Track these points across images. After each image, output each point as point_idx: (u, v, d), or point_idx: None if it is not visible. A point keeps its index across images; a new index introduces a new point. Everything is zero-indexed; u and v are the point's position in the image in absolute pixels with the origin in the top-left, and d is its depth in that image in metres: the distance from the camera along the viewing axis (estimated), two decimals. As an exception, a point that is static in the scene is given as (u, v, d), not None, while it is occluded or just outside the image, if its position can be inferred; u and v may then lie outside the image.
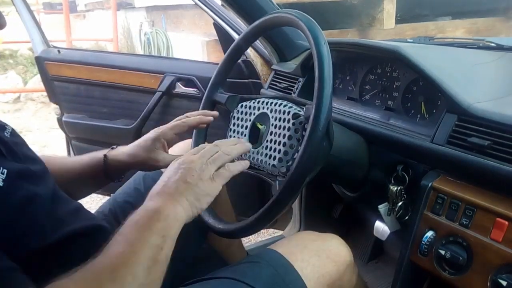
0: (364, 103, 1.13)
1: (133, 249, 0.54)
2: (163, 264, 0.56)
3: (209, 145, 0.70)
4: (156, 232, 0.56)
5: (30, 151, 0.75)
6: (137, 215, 0.59)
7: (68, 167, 0.89)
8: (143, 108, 1.57)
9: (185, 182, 0.62)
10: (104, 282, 0.50)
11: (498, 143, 0.73)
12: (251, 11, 1.24)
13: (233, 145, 0.71)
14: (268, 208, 0.73)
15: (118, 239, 0.56)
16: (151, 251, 0.54)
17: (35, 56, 1.71)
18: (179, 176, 0.63)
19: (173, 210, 0.59)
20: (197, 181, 0.63)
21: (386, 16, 4.14)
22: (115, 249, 0.54)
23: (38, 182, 0.67)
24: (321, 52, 0.72)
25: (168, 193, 0.61)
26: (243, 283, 0.71)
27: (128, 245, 0.54)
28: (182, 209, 0.60)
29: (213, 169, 0.65)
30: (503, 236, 0.69)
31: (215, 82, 0.96)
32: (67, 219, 0.70)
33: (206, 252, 1.05)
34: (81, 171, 0.89)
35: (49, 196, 0.68)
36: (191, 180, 0.62)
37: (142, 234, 0.55)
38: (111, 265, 0.52)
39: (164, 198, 0.60)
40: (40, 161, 0.75)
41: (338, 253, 0.82)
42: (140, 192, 0.98)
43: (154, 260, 0.54)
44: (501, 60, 1.05)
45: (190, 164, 0.64)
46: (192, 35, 4.54)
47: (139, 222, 0.57)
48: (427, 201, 0.82)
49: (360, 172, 0.99)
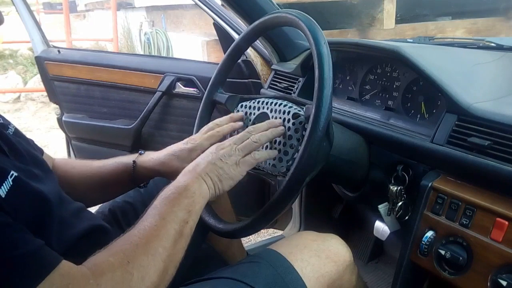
0: (364, 103, 1.13)
1: (164, 223, 0.61)
2: (187, 237, 0.63)
3: (243, 132, 0.76)
4: (184, 207, 0.64)
5: (34, 150, 0.74)
6: (169, 190, 0.66)
7: (93, 172, 0.88)
8: (143, 108, 1.57)
9: (213, 164, 0.70)
10: (139, 253, 0.57)
11: (498, 143, 0.73)
12: (251, 11, 1.24)
13: (264, 132, 0.76)
14: (268, 208, 0.73)
15: (152, 213, 0.63)
16: (179, 225, 0.62)
17: (35, 56, 1.72)
18: (210, 158, 0.71)
19: (199, 187, 0.67)
20: (223, 165, 0.70)
21: (386, 16, 4.13)
22: (150, 222, 0.61)
23: (44, 182, 0.66)
24: (321, 52, 0.72)
25: (197, 172, 0.69)
26: (243, 283, 0.71)
27: (160, 219, 0.61)
28: (206, 187, 0.68)
29: (240, 156, 0.72)
30: (503, 236, 0.69)
31: (215, 82, 0.96)
32: (70, 220, 0.70)
33: (206, 252, 1.05)
34: (106, 175, 0.88)
35: (57, 196, 0.67)
36: (219, 163, 0.70)
37: (172, 209, 0.63)
38: (146, 237, 0.59)
39: (193, 176, 0.68)
40: (43, 161, 0.74)
41: (338, 253, 0.82)
42: (139, 193, 0.98)
43: (180, 233, 0.62)
44: (501, 60, 1.05)
45: (221, 150, 0.72)
46: (192, 35, 4.54)
47: (170, 197, 0.64)
48: (427, 201, 0.82)
49: (360, 172, 0.99)
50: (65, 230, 0.67)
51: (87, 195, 0.86)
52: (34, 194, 0.60)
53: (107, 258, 0.56)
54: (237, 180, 0.71)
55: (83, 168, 0.88)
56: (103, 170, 0.88)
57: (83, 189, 0.86)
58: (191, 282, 0.74)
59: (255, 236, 1.88)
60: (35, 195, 0.60)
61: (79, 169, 0.88)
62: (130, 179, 0.87)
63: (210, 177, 0.69)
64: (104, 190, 0.90)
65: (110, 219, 0.92)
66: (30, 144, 0.76)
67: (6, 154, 0.63)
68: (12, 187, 0.55)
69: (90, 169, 0.88)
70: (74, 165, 0.90)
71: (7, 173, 0.56)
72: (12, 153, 0.65)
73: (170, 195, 0.65)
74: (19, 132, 0.75)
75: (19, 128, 0.76)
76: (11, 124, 0.74)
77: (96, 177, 0.87)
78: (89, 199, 0.88)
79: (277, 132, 0.77)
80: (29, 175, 0.63)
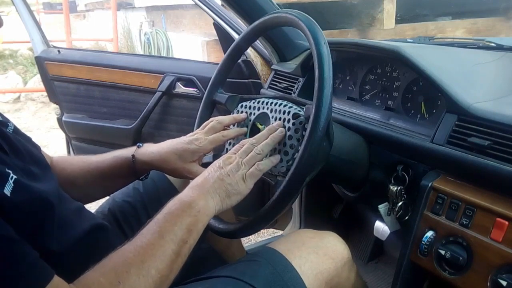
0: (364, 103, 1.13)
1: (162, 242, 0.60)
2: (184, 256, 0.62)
3: (247, 144, 0.75)
4: (185, 226, 0.62)
5: (34, 148, 0.73)
6: (173, 205, 0.64)
7: (91, 167, 0.87)
8: (143, 108, 1.57)
9: (221, 180, 0.69)
10: (131, 274, 0.56)
11: (498, 143, 0.73)
12: (251, 11, 1.24)
13: (266, 141, 0.76)
14: (268, 208, 0.73)
15: (151, 228, 0.61)
16: (177, 245, 0.61)
17: (35, 56, 1.71)
18: (219, 173, 0.70)
19: (205, 204, 0.66)
20: (231, 180, 0.69)
21: (386, 16, 4.13)
22: (148, 239, 0.60)
23: (43, 181, 0.65)
24: (321, 52, 0.72)
25: (205, 188, 0.68)
26: (242, 282, 0.71)
27: (159, 237, 0.60)
28: (213, 203, 0.67)
29: (246, 169, 0.72)
30: (503, 236, 0.69)
31: (215, 82, 0.96)
32: (71, 219, 0.69)
33: (205, 252, 1.05)
34: (106, 170, 0.87)
35: (56, 195, 0.67)
36: (227, 179, 0.69)
37: (173, 228, 0.61)
38: (141, 255, 0.58)
39: (200, 192, 0.67)
40: (42, 158, 0.73)
41: (336, 250, 0.82)
42: (139, 192, 0.97)
43: (178, 254, 0.61)
44: (501, 60, 1.05)
45: (228, 165, 0.71)
46: (192, 35, 4.54)
47: (173, 213, 0.63)
48: (427, 201, 0.82)
49: (360, 172, 0.99)
50: (66, 230, 0.66)
51: (87, 190, 0.86)
52: (35, 195, 0.59)
53: (98, 278, 0.55)
54: (245, 194, 0.71)
55: (82, 164, 0.88)
56: (101, 165, 0.87)
57: (83, 185, 0.85)
58: (190, 281, 0.74)
59: (255, 236, 1.88)
60: (35, 196, 0.59)
61: (77, 165, 0.88)
62: (130, 172, 0.86)
63: (218, 194, 0.68)
64: (104, 184, 0.89)
65: (109, 219, 0.92)
66: (29, 142, 0.76)
67: (6, 153, 0.62)
68: (14, 188, 0.55)
69: (89, 165, 0.87)
70: (73, 161, 0.89)
71: (8, 174, 0.56)
72: (12, 151, 0.64)
73: (173, 211, 0.63)
74: (18, 130, 0.74)
75: (19, 128, 0.76)
76: (10, 122, 0.73)
77: (96, 171, 0.87)
78: (90, 194, 0.88)
79: (277, 137, 0.77)
80: (29, 174, 0.62)
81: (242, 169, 0.71)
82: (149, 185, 0.97)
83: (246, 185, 0.71)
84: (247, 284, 0.70)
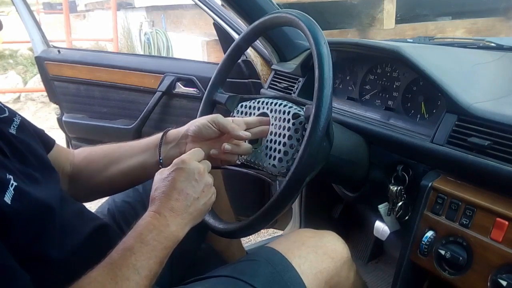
0: (364, 103, 1.13)
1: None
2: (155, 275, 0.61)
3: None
4: (158, 259, 0.61)
5: (38, 148, 0.72)
6: (145, 229, 0.62)
7: (127, 154, 0.85)
8: (143, 108, 1.57)
9: (195, 199, 0.68)
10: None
11: (498, 143, 0.73)
12: (251, 11, 1.24)
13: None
14: (268, 208, 0.73)
15: (119, 251, 0.59)
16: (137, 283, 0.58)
17: (35, 56, 1.71)
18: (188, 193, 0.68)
19: (181, 230, 0.65)
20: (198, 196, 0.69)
21: (386, 16, 4.13)
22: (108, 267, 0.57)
23: (44, 185, 0.64)
24: (321, 52, 0.72)
25: (176, 211, 0.66)
26: (242, 281, 0.71)
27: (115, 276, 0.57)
28: (188, 227, 0.67)
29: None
30: (503, 236, 0.69)
31: (215, 82, 0.96)
32: (73, 223, 0.69)
33: (205, 252, 1.05)
34: (134, 180, 0.86)
35: (57, 199, 0.65)
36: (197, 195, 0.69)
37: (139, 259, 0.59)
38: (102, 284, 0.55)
39: (172, 217, 0.65)
40: (46, 160, 0.72)
41: (335, 249, 0.82)
42: (138, 192, 0.97)
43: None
44: (501, 60, 1.05)
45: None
46: (192, 35, 4.54)
47: (144, 241, 0.61)
48: (427, 201, 0.82)
49: (360, 172, 0.99)
50: (68, 235, 0.65)
51: (113, 181, 0.85)
52: (36, 202, 0.58)
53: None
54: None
55: (120, 154, 0.86)
56: (131, 173, 0.85)
57: (109, 175, 0.84)
58: (189, 281, 0.74)
59: (255, 236, 1.88)
60: (36, 203, 0.58)
61: (115, 154, 0.86)
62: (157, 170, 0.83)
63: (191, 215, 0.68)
64: (129, 179, 0.87)
65: (109, 219, 0.92)
66: (36, 139, 0.73)
67: (7, 156, 0.61)
68: (14, 196, 0.54)
69: (125, 153, 0.86)
70: (108, 151, 0.88)
71: (8, 180, 0.55)
72: (13, 154, 0.63)
73: (143, 238, 0.62)
74: (25, 125, 0.72)
75: (27, 121, 0.74)
76: (17, 116, 0.71)
77: (124, 180, 0.86)
78: (115, 186, 0.87)
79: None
80: (30, 178, 0.61)
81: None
82: (149, 186, 0.97)
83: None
84: (247, 283, 0.70)
